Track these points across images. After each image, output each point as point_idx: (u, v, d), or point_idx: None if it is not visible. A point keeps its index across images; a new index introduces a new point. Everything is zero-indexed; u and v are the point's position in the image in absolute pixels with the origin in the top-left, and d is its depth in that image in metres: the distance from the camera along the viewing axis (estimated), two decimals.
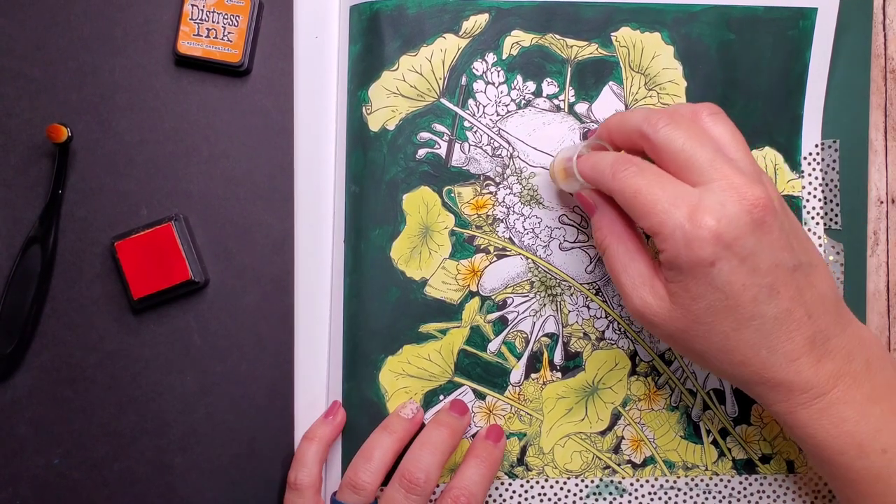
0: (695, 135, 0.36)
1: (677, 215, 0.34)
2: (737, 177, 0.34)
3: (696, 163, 0.35)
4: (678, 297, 0.35)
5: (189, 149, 0.45)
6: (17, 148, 0.45)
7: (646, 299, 0.37)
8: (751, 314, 0.35)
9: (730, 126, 0.37)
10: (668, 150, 0.36)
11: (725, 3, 0.44)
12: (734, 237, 0.34)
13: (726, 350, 0.36)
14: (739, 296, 0.34)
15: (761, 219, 0.34)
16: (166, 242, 0.44)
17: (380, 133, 0.43)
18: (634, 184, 0.35)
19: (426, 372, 0.43)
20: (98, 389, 0.45)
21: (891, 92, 0.46)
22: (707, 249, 0.34)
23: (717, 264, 0.34)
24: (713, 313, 0.35)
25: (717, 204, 0.34)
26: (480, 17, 0.43)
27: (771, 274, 0.35)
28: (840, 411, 0.36)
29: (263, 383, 0.45)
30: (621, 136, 0.39)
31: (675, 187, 0.35)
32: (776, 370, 0.36)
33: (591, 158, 0.38)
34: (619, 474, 0.44)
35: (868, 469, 0.36)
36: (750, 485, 0.44)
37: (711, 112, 0.38)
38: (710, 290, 0.34)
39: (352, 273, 0.43)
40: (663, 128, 0.36)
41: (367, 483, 0.40)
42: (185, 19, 0.44)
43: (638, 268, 0.37)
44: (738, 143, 0.37)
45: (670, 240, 0.34)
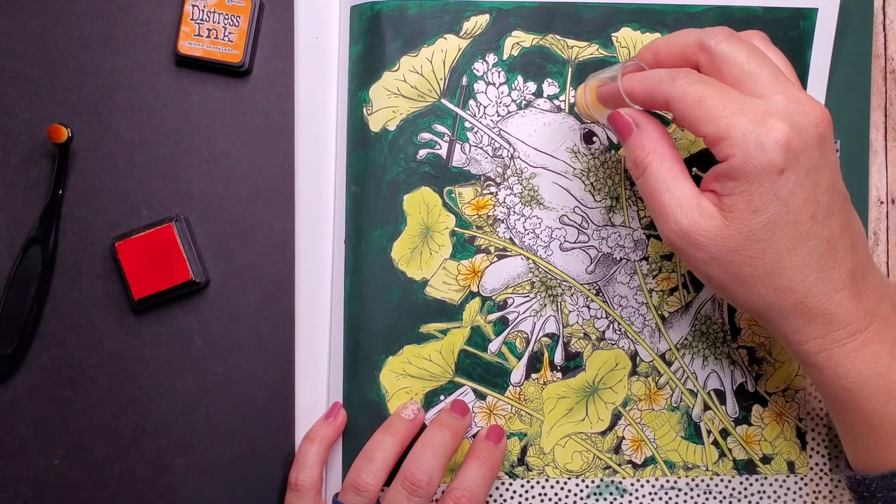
0: (756, 52, 0.35)
1: (747, 119, 0.33)
2: (801, 92, 0.35)
3: (760, 76, 0.34)
4: (736, 210, 0.34)
5: (190, 149, 0.46)
6: (17, 148, 0.45)
7: (693, 218, 0.35)
8: (807, 233, 0.34)
9: (780, 53, 0.38)
10: (730, 63, 0.35)
11: (726, 4, 0.44)
12: (803, 146, 0.33)
13: (775, 273, 0.35)
14: (801, 210, 0.34)
15: (825, 134, 0.34)
16: (167, 243, 0.44)
17: (381, 133, 0.44)
18: (699, 89, 0.34)
19: (427, 372, 0.44)
20: (98, 390, 0.45)
21: (891, 92, 0.47)
22: (780, 154, 0.33)
23: (787, 172, 0.33)
24: (772, 228, 0.34)
25: (786, 112, 0.34)
26: (481, 17, 0.44)
27: (829, 194, 0.35)
28: (874, 351, 0.35)
29: (264, 384, 0.45)
30: (672, 54, 0.37)
31: (740, 95, 0.34)
32: (820, 298, 0.35)
33: (640, 74, 0.37)
34: (619, 474, 0.45)
35: (894, 414, 0.35)
36: (751, 485, 0.45)
37: (763, 38, 0.38)
38: (773, 200, 0.34)
39: (352, 273, 0.44)
40: (724, 41, 0.35)
41: (369, 484, 0.40)
42: (185, 19, 0.45)
43: (682, 186, 0.36)
44: (789, 69, 0.37)
45: (740, 143, 0.33)
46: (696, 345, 0.45)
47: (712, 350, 0.45)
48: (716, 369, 0.45)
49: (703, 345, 0.45)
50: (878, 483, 0.37)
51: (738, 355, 0.45)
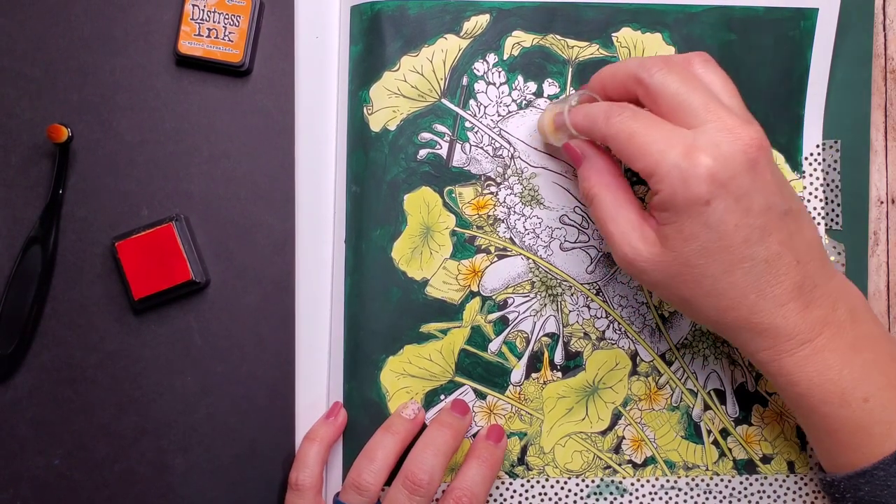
0: (688, 79, 0.37)
1: (673, 154, 0.35)
2: (731, 118, 0.35)
3: (690, 105, 0.36)
4: (670, 239, 0.36)
5: (190, 149, 0.46)
6: (17, 148, 0.46)
7: (635, 246, 0.37)
8: (742, 256, 0.36)
9: (721, 74, 0.38)
10: (663, 94, 0.37)
11: (726, 4, 0.44)
12: (729, 176, 0.35)
13: (715, 294, 0.36)
14: (732, 236, 0.35)
15: (755, 159, 0.35)
16: (167, 243, 0.44)
17: (381, 133, 0.44)
18: (629, 126, 0.36)
19: (427, 372, 0.44)
20: (99, 390, 0.45)
21: (891, 92, 0.47)
22: (703, 187, 0.34)
23: (713, 203, 0.35)
24: (705, 254, 0.36)
25: (712, 143, 0.35)
26: (481, 17, 0.44)
27: (763, 216, 0.35)
28: (825, 359, 0.37)
29: (264, 384, 0.45)
30: (615, 85, 0.39)
31: (670, 129, 0.36)
32: (764, 315, 0.36)
33: (584, 108, 0.39)
34: (619, 474, 0.45)
35: (849, 418, 0.37)
36: (751, 485, 0.45)
37: (703, 60, 0.39)
38: (703, 229, 0.35)
39: (353, 273, 0.44)
40: (657, 73, 0.37)
41: (370, 483, 0.41)
42: (185, 19, 0.45)
43: (626, 215, 0.38)
44: (729, 90, 0.38)
45: (666, 179, 0.35)
46: (697, 344, 0.45)
47: (712, 350, 0.45)
48: (716, 369, 0.45)
49: (703, 345, 0.45)
50: (845, 484, 0.38)
51: (738, 355, 0.45)
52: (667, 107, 0.37)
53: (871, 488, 0.37)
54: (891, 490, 0.36)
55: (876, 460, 0.37)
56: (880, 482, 0.37)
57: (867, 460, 0.37)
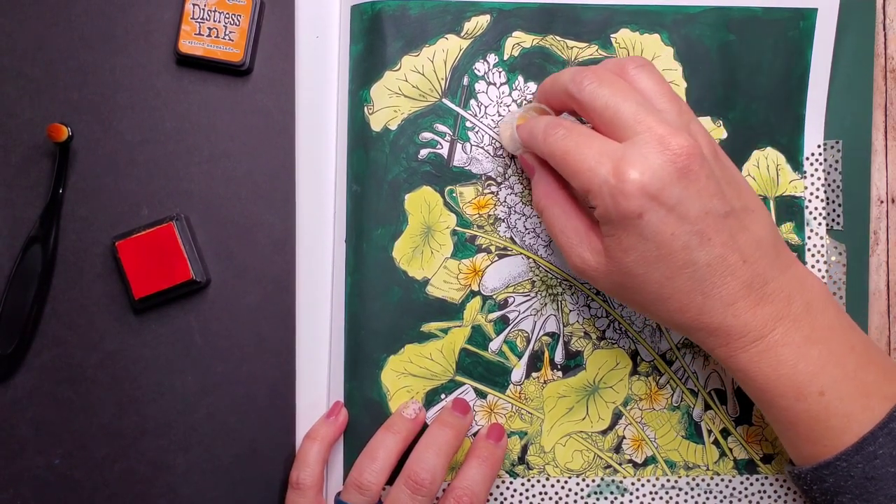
0: (619, 90, 0.38)
1: (602, 172, 0.36)
2: (660, 127, 0.36)
3: (620, 118, 0.37)
4: (612, 250, 0.38)
5: (190, 148, 0.47)
6: (17, 147, 0.47)
7: (583, 256, 0.39)
8: (682, 262, 0.37)
9: (656, 77, 0.39)
10: (593, 108, 0.38)
11: (725, 5, 0.46)
12: (659, 188, 0.36)
13: (662, 299, 0.38)
14: (669, 245, 0.36)
15: (686, 167, 0.36)
16: (167, 242, 0.45)
17: (382, 133, 0.46)
18: (563, 146, 0.38)
19: (428, 371, 0.46)
20: (99, 389, 0.47)
21: (891, 91, 0.49)
22: (633, 202, 0.36)
23: (645, 216, 0.36)
24: (646, 264, 0.37)
25: (639, 157, 0.36)
26: (482, 18, 0.46)
27: (701, 221, 0.36)
28: (778, 354, 0.38)
29: (265, 383, 0.47)
30: (554, 99, 0.41)
31: (601, 145, 0.37)
32: (713, 315, 0.38)
33: (529, 124, 0.41)
34: (620, 474, 0.46)
35: (806, 411, 0.38)
36: (751, 485, 0.47)
37: (637, 65, 0.40)
38: (640, 241, 0.37)
39: (353, 273, 0.46)
40: (588, 86, 0.38)
41: (372, 483, 0.42)
42: (186, 18, 0.46)
43: (574, 226, 0.40)
44: (664, 94, 0.39)
45: (598, 196, 0.37)
46: (697, 345, 0.47)
47: None
48: (716, 369, 0.47)
49: None
50: (811, 476, 0.39)
51: None
52: (599, 120, 0.38)
53: (836, 479, 0.38)
54: (854, 480, 0.38)
55: (837, 452, 0.38)
56: (843, 473, 0.38)
57: (829, 452, 0.38)
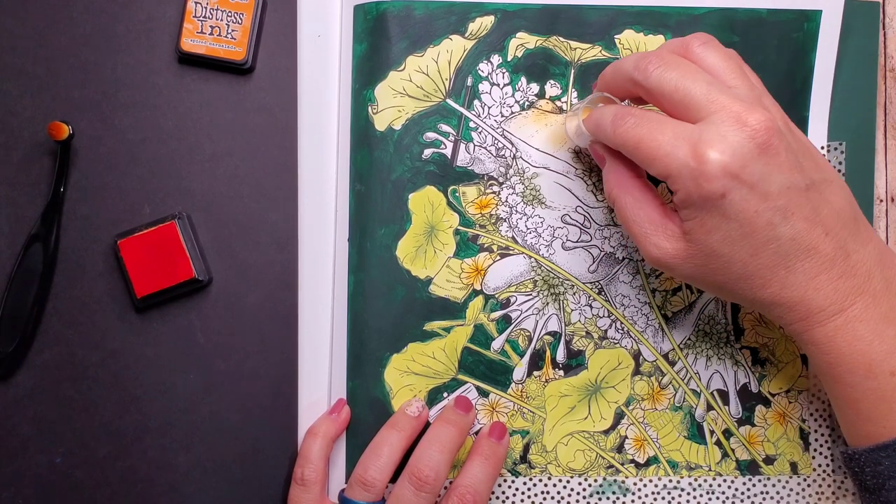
0: (687, 71, 0.40)
1: (681, 155, 0.38)
2: (735, 105, 0.38)
3: (692, 99, 0.39)
4: (694, 233, 0.40)
5: (192, 147, 0.51)
6: (18, 146, 0.50)
7: (660, 244, 0.42)
8: (766, 238, 0.39)
9: (722, 53, 0.41)
10: (662, 93, 0.40)
11: (729, 6, 0.49)
12: (740, 166, 0.38)
13: (745, 276, 0.40)
14: (753, 222, 0.39)
15: (766, 143, 0.38)
16: (169, 241, 0.49)
17: (386, 133, 0.49)
18: (635, 135, 0.40)
19: (430, 370, 0.49)
20: (100, 388, 0.50)
21: (890, 91, 0.52)
22: (715, 183, 0.38)
23: (728, 195, 0.38)
24: (730, 243, 0.39)
25: (718, 136, 0.38)
26: (486, 18, 0.49)
27: (783, 196, 0.39)
28: (855, 329, 0.40)
29: (267, 382, 0.50)
30: (618, 87, 0.44)
31: (674, 128, 0.39)
32: (795, 289, 0.40)
33: (595, 115, 0.43)
34: (622, 474, 0.50)
35: (874, 390, 0.40)
36: (753, 486, 0.50)
37: (702, 42, 0.42)
38: (723, 221, 0.39)
39: (356, 271, 0.49)
40: (654, 71, 0.40)
41: (376, 479, 0.45)
42: (188, 16, 0.49)
43: (648, 215, 0.42)
44: (733, 70, 0.41)
45: (679, 180, 0.39)
46: (700, 345, 0.51)
47: (716, 350, 0.50)
48: (719, 369, 0.51)
49: (706, 345, 0.50)
50: (866, 457, 0.42)
51: (741, 356, 0.50)
52: (670, 104, 0.40)
53: (892, 462, 0.40)
54: None
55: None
56: None
57: (888, 434, 0.41)
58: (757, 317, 0.50)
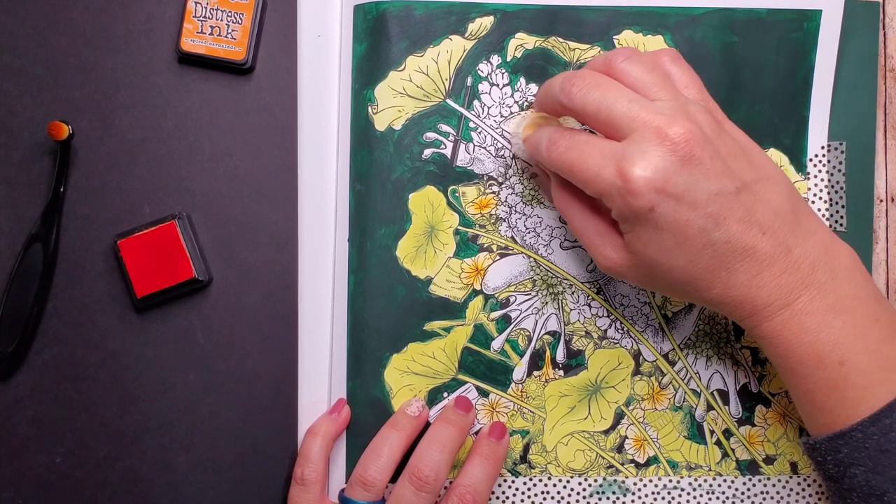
0: (608, 90, 0.41)
1: (607, 175, 0.40)
2: (656, 119, 0.40)
3: (614, 119, 0.41)
4: (633, 245, 0.42)
5: (192, 147, 0.51)
6: (18, 145, 0.51)
7: (607, 254, 0.44)
8: (701, 244, 0.41)
9: (645, 66, 0.43)
10: (587, 114, 0.42)
11: (728, 6, 0.50)
12: (664, 179, 0.39)
13: (689, 280, 0.42)
14: (686, 231, 0.40)
15: (687, 153, 0.40)
16: (170, 241, 0.49)
17: (386, 133, 0.50)
18: (567, 159, 0.42)
19: (430, 370, 0.50)
20: (101, 388, 0.51)
21: (890, 90, 0.53)
22: (642, 198, 0.40)
23: (657, 209, 0.40)
24: (666, 252, 0.41)
25: (639, 153, 0.39)
26: (486, 19, 0.50)
27: (712, 203, 0.40)
28: (802, 322, 0.42)
29: (267, 382, 0.51)
30: (550, 108, 0.45)
31: (601, 148, 0.41)
32: (739, 288, 0.42)
33: (533, 138, 0.45)
34: (622, 474, 0.51)
35: (825, 380, 0.42)
36: (754, 486, 0.51)
37: (624, 57, 0.43)
38: (657, 233, 0.41)
39: (357, 271, 0.50)
40: (577, 93, 0.42)
41: (377, 479, 0.46)
42: (188, 16, 0.50)
43: (594, 227, 0.44)
44: (655, 84, 0.42)
45: (609, 198, 0.41)
46: (700, 345, 0.51)
47: (716, 350, 0.51)
48: (719, 369, 0.51)
49: (706, 345, 0.51)
50: (825, 446, 0.43)
51: (741, 356, 0.51)
52: (595, 124, 0.42)
53: (850, 450, 0.42)
54: (868, 452, 0.41)
55: (853, 422, 0.41)
56: (857, 444, 0.41)
57: (844, 423, 0.42)
58: None
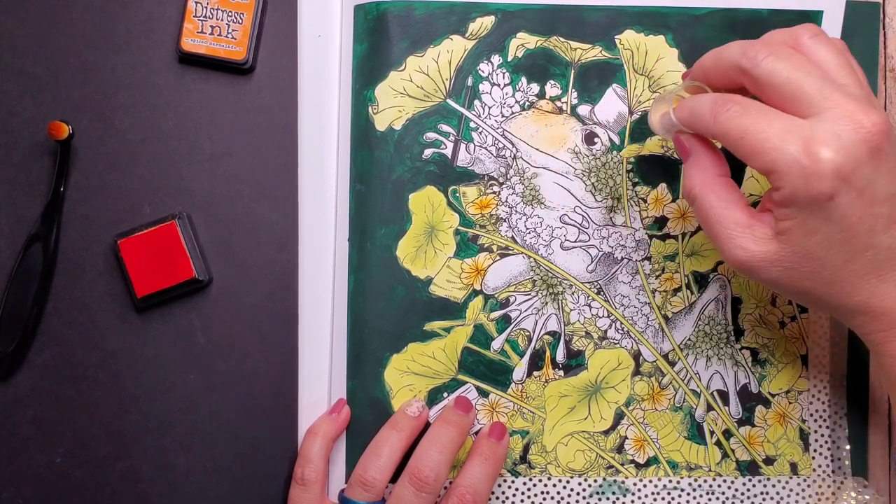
0: (799, 64, 0.38)
1: (791, 150, 0.37)
2: (850, 104, 0.37)
3: (804, 93, 0.38)
4: (791, 233, 0.39)
5: (192, 146, 0.52)
6: (18, 145, 0.51)
7: (747, 247, 0.40)
8: (865, 245, 0.39)
9: (834, 47, 0.40)
10: (772, 84, 0.38)
11: (730, 6, 0.50)
12: (853, 168, 0.37)
13: (835, 282, 0.40)
14: (855, 227, 0.38)
15: (879, 146, 0.37)
16: (170, 240, 0.50)
17: (386, 133, 0.51)
18: (740, 124, 0.38)
19: (430, 370, 0.51)
20: (100, 388, 0.51)
21: (890, 91, 0.53)
22: (826, 183, 0.37)
23: (837, 197, 0.37)
24: (827, 246, 0.39)
25: (832, 134, 0.37)
26: (486, 19, 0.50)
27: (888, 203, 0.38)
28: None
29: (267, 382, 0.51)
30: (718, 75, 0.42)
31: (784, 122, 0.38)
32: (884, 299, 0.40)
33: (689, 103, 0.41)
34: (622, 474, 0.51)
35: None
36: (753, 486, 0.52)
37: (812, 34, 0.40)
38: (826, 223, 0.38)
39: (357, 271, 0.51)
40: (764, 59, 0.39)
41: (376, 480, 0.46)
42: (188, 16, 0.50)
43: (734, 215, 0.41)
44: (845, 67, 0.40)
45: (787, 176, 0.37)
46: (700, 345, 0.52)
47: (716, 351, 0.52)
48: (719, 370, 0.52)
49: (706, 345, 0.52)
50: None
51: (741, 356, 0.52)
52: (778, 96, 0.39)
53: None
54: None
55: None
56: None
57: None
58: (757, 318, 0.52)
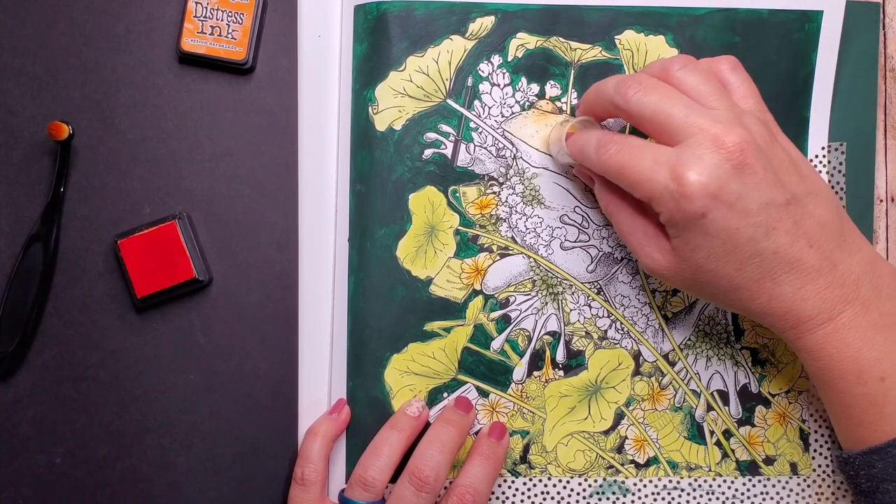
0: (666, 95, 0.42)
1: (661, 178, 0.41)
2: (713, 126, 0.41)
3: (671, 123, 0.41)
4: (680, 250, 0.43)
5: (192, 147, 0.52)
6: (18, 146, 0.51)
7: (653, 256, 0.44)
8: (749, 253, 0.41)
9: (702, 75, 0.43)
10: (643, 117, 0.42)
11: (730, 7, 0.50)
12: (718, 186, 0.40)
13: (733, 289, 0.43)
14: (735, 239, 0.41)
15: (742, 162, 0.40)
16: (170, 241, 0.50)
17: (386, 133, 0.51)
18: (618, 161, 0.43)
19: (430, 370, 0.51)
20: (100, 388, 0.51)
21: (890, 91, 0.53)
22: (695, 203, 0.40)
23: (709, 215, 0.41)
24: (714, 259, 0.42)
25: (695, 158, 0.40)
26: (486, 19, 0.51)
27: (763, 212, 0.41)
28: (844, 337, 0.43)
29: (267, 382, 0.51)
30: (600, 109, 0.46)
31: (654, 152, 0.41)
32: (783, 300, 0.43)
33: (578, 140, 0.46)
34: (622, 474, 0.51)
35: (864, 395, 0.43)
36: (753, 486, 0.52)
37: (682, 65, 0.44)
38: (706, 239, 0.41)
39: (357, 271, 0.51)
40: (634, 95, 0.42)
41: (376, 480, 0.46)
42: (188, 16, 0.51)
43: (642, 228, 0.45)
44: (712, 93, 0.43)
45: (662, 202, 0.41)
46: (700, 345, 0.52)
47: (716, 351, 0.52)
48: (719, 370, 0.52)
49: (706, 345, 0.52)
50: (860, 461, 0.44)
51: (741, 356, 0.52)
52: (650, 128, 0.43)
53: (885, 465, 0.43)
54: None
55: (889, 438, 0.42)
56: (893, 459, 0.42)
57: (880, 438, 0.43)
58: None
